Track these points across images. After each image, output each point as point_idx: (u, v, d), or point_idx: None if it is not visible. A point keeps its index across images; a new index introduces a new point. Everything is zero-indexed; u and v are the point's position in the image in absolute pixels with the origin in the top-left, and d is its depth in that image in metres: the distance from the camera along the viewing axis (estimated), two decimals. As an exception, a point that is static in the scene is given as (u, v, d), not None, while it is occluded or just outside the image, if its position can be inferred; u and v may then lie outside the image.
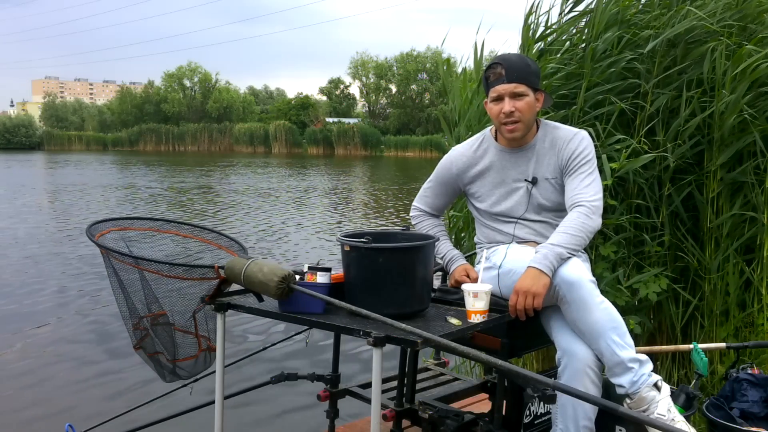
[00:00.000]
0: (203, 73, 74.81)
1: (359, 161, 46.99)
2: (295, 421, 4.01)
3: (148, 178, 25.49)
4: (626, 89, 3.58)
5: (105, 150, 68.73)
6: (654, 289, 3.37)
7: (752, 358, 3.14)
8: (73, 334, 5.78)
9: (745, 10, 3.54)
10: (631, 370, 1.97)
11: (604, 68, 3.53)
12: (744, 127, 3.39)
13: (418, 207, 2.51)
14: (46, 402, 4.29)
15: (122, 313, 2.33)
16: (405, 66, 64.89)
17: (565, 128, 2.32)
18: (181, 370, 2.40)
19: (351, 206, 16.75)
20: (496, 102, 2.23)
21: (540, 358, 3.95)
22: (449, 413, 2.21)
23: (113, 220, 2.44)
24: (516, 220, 2.30)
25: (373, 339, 1.72)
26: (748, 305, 3.47)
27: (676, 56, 3.54)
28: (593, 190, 2.18)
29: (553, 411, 2.16)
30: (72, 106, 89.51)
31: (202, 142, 68.94)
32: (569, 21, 3.91)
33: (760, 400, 2.39)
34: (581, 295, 1.99)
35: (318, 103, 72.19)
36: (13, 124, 71.08)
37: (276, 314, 2.05)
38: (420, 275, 1.96)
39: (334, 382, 2.52)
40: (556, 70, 3.70)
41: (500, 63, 2.21)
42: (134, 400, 3.04)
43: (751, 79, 3.29)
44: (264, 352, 3.16)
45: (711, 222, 3.46)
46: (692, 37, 3.51)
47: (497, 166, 2.33)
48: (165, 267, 2.16)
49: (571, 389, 1.69)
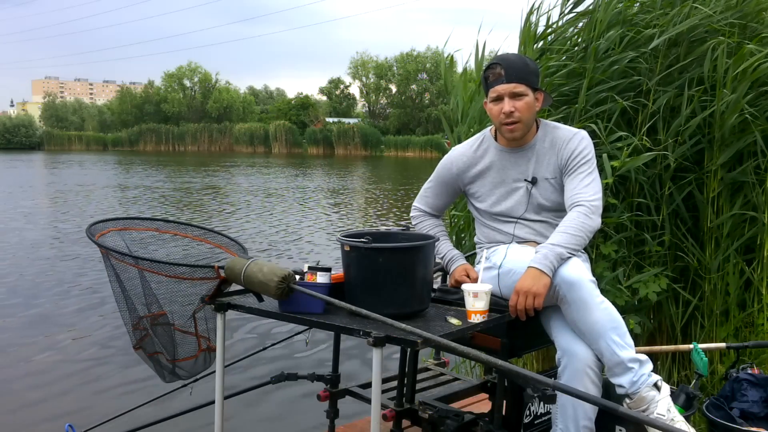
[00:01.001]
0: (203, 73, 74.89)
1: (359, 161, 47.00)
2: (295, 421, 4.01)
3: (153, 178, 25.49)
4: (628, 88, 3.58)
5: (105, 150, 68.75)
6: (654, 288, 3.36)
7: (752, 358, 3.14)
8: (73, 333, 5.78)
9: (744, 9, 3.54)
10: (631, 370, 1.96)
11: (606, 67, 3.54)
12: (744, 127, 3.39)
13: (418, 207, 2.51)
14: (46, 402, 4.28)
15: (122, 313, 2.33)
16: (405, 66, 64.93)
17: (564, 128, 2.32)
18: (181, 370, 2.40)
19: (351, 206, 16.75)
20: (496, 102, 2.23)
21: (540, 358, 3.95)
22: (449, 413, 2.21)
23: (113, 220, 2.44)
24: (516, 219, 2.30)
25: (373, 339, 1.72)
26: (748, 305, 3.46)
27: (679, 54, 3.54)
28: (593, 189, 2.18)
29: (553, 411, 2.16)
30: (72, 106, 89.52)
31: (202, 142, 68.98)
32: (569, 20, 3.92)
33: (760, 400, 2.39)
34: (581, 295, 1.99)
35: (318, 103, 72.26)
36: (13, 124, 71.08)
37: (276, 314, 2.05)
38: (420, 275, 1.96)
39: (334, 382, 2.52)
40: (557, 69, 3.70)
41: (499, 63, 2.21)
42: (134, 400, 3.03)
43: (752, 78, 3.29)
44: (264, 352, 3.16)
45: (711, 222, 3.46)
46: (695, 35, 3.52)
47: (497, 166, 2.33)
48: (165, 267, 2.16)
49: (571, 389, 1.69)
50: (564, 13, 3.88)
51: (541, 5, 3.90)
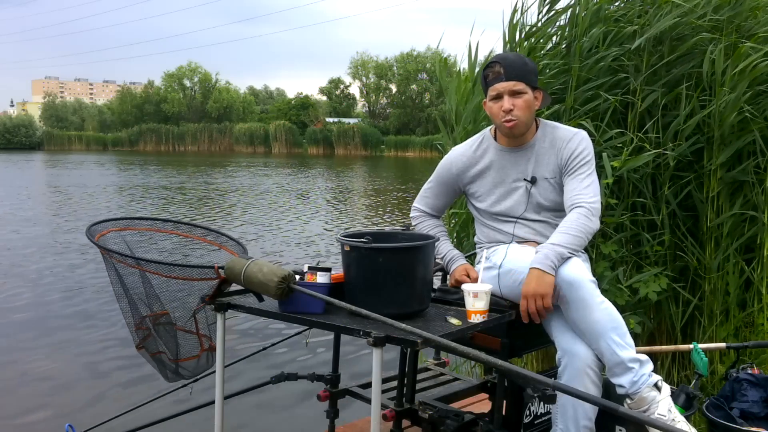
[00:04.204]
0: (203, 73, 74.89)
1: (359, 161, 46.99)
2: (295, 421, 4.01)
3: (154, 178, 25.49)
4: (616, 85, 3.58)
5: (105, 150, 68.74)
6: (654, 288, 3.37)
7: (752, 358, 3.13)
8: (73, 333, 5.77)
9: (738, 8, 3.54)
10: (631, 370, 1.96)
11: (592, 64, 3.54)
12: (743, 126, 3.39)
13: (418, 208, 2.51)
14: (46, 402, 4.28)
15: (123, 312, 2.33)
16: (405, 66, 64.93)
17: (564, 128, 2.32)
18: (184, 370, 2.40)
19: (351, 206, 16.74)
20: (495, 100, 2.23)
21: (540, 358, 3.95)
22: (449, 413, 2.21)
23: (113, 221, 2.44)
24: (515, 219, 2.30)
25: (373, 339, 1.72)
26: (748, 305, 3.46)
27: (663, 52, 3.54)
28: (592, 191, 2.18)
29: (553, 411, 2.16)
30: (72, 106, 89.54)
31: (202, 142, 68.98)
32: (549, 20, 3.92)
33: (760, 400, 2.39)
34: (582, 295, 1.99)
35: (318, 103, 72.26)
36: (13, 124, 71.06)
37: (276, 314, 2.05)
38: (420, 275, 1.96)
39: (334, 382, 2.52)
40: (543, 67, 3.71)
41: (498, 62, 2.22)
42: (134, 400, 3.04)
43: (750, 77, 3.29)
44: (264, 352, 3.16)
45: (711, 221, 3.46)
46: (678, 33, 3.52)
47: (497, 165, 2.33)
48: (165, 267, 2.16)
49: (571, 389, 1.69)
50: (542, 13, 3.89)
51: (524, 4, 3.90)
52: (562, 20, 3.90)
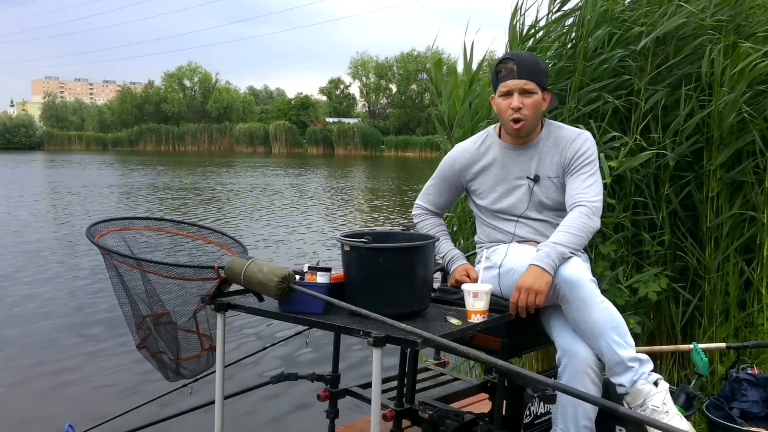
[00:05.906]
0: (203, 73, 74.91)
1: (359, 161, 46.99)
2: (295, 421, 4.01)
3: (153, 178, 25.48)
4: (619, 86, 3.58)
5: (105, 150, 68.73)
6: (654, 288, 3.36)
7: (752, 358, 3.13)
8: (73, 334, 5.78)
9: (737, 8, 3.54)
10: (631, 370, 1.97)
11: (596, 65, 3.54)
12: (743, 126, 3.39)
13: (421, 205, 2.51)
14: (46, 402, 4.29)
15: (124, 313, 2.33)
16: (405, 66, 64.95)
17: (568, 128, 2.33)
18: (185, 370, 2.41)
19: (351, 206, 16.74)
20: (505, 97, 2.23)
21: (540, 358, 3.95)
22: (449, 413, 2.21)
23: (113, 221, 2.44)
24: (517, 218, 2.30)
25: (373, 339, 1.72)
26: (748, 305, 3.46)
27: (668, 53, 3.54)
28: (594, 191, 2.18)
29: (553, 411, 2.16)
30: (72, 106, 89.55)
31: (202, 142, 68.97)
32: (556, 19, 3.91)
33: (760, 400, 2.39)
34: (582, 294, 1.99)
35: (318, 103, 72.24)
36: (13, 124, 71.05)
37: (276, 314, 2.05)
38: (420, 275, 1.96)
39: (334, 382, 2.52)
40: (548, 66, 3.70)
41: (512, 58, 2.22)
42: (134, 400, 3.04)
43: (749, 77, 3.29)
44: (264, 352, 3.16)
45: (710, 221, 3.46)
46: (683, 33, 3.52)
47: (499, 162, 2.33)
48: (165, 268, 2.16)
49: (571, 389, 1.69)
50: (551, 11, 3.88)
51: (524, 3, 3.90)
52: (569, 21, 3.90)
